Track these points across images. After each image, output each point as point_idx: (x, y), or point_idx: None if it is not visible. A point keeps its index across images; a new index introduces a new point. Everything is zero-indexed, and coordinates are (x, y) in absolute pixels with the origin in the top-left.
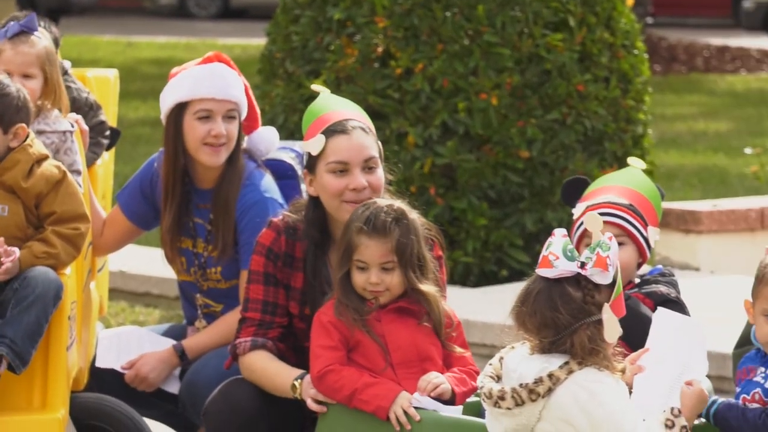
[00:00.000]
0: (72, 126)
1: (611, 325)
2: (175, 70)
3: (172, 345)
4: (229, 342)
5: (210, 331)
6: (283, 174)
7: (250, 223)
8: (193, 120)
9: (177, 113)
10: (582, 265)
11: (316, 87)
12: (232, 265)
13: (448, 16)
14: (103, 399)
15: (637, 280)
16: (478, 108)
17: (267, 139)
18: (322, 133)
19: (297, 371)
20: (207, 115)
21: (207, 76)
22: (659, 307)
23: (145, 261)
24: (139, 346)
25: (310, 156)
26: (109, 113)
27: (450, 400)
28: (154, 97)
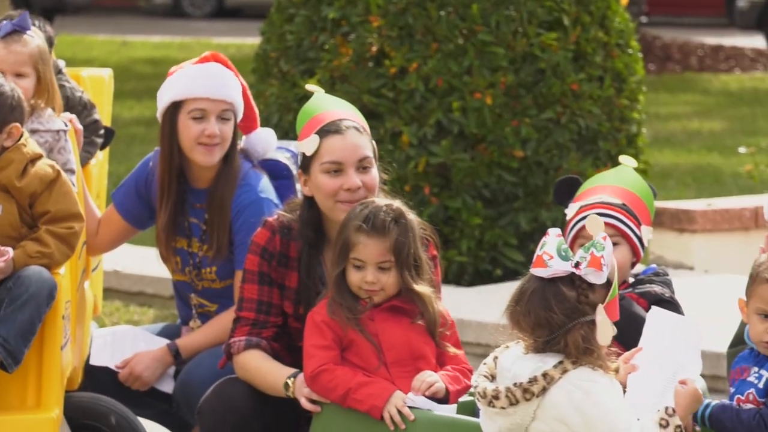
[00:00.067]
0: (65, 125)
1: (604, 328)
2: (173, 69)
3: (166, 344)
4: (223, 341)
5: (204, 331)
6: (278, 174)
7: (246, 224)
8: (188, 119)
9: (172, 112)
10: (576, 264)
11: (310, 87)
12: (227, 265)
13: (442, 16)
14: (98, 398)
15: (631, 279)
16: (473, 107)
17: (265, 140)
18: (317, 133)
19: (290, 370)
20: (201, 115)
21: (202, 75)
22: (653, 306)
23: (139, 260)
24: (134, 345)
25: (304, 156)
26: (104, 113)
27: (444, 399)
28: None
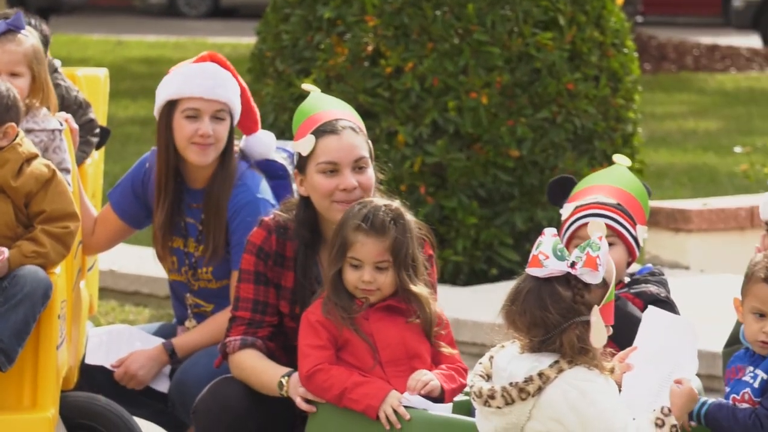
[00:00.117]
0: (60, 124)
1: (598, 330)
2: (173, 68)
3: (162, 343)
4: (219, 341)
5: (200, 330)
6: (274, 174)
7: (242, 224)
8: (182, 118)
9: (168, 111)
10: (572, 264)
11: (306, 86)
12: (223, 265)
13: (438, 15)
14: (94, 398)
15: (626, 279)
16: (468, 107)
17: (264, 143)
18: (312, 133)
19: (285, 369)
20: (194, 114)
21: (197, 74)
22: (649, 306)
23: (135, 260)
24: (130, 344)
25: (300, 156)
26: (99, 112)
27: (439, 398)
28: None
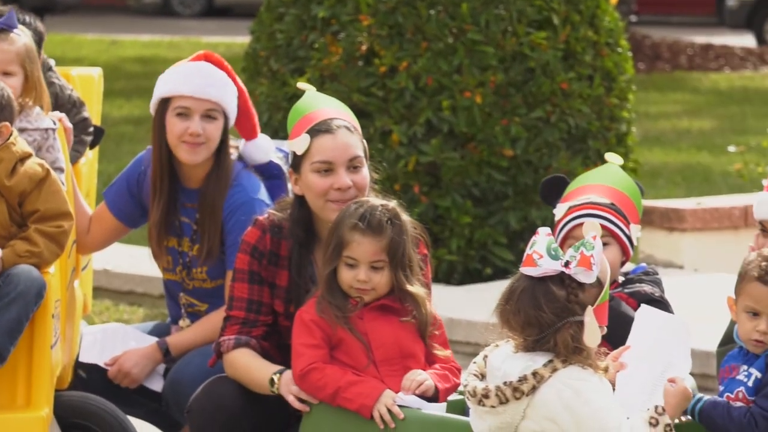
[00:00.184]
0: (54, 123)
1: (592, 330)
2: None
3: (156, 341)
4: (213, 340)
5: (195, 329)
6: (270, 173)
7: (237, 224)
8: (173, 116)
9: (161, 108)
10: (566, 264)
11: (301, 85)
12: (218, 265)
13: (432, 14)
14: (88, 397)
15: (621, 278)
16: (463, 106)
17: (264, 150)
18: (307, 132)
19: (277, 367)
20: (185, 113)
21: (190, 73)
22: (642, 305)
23: (129, 259)
24: (124, 343)
25: (295, 155)
26: (93, 112)
27: (433, 397)
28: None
